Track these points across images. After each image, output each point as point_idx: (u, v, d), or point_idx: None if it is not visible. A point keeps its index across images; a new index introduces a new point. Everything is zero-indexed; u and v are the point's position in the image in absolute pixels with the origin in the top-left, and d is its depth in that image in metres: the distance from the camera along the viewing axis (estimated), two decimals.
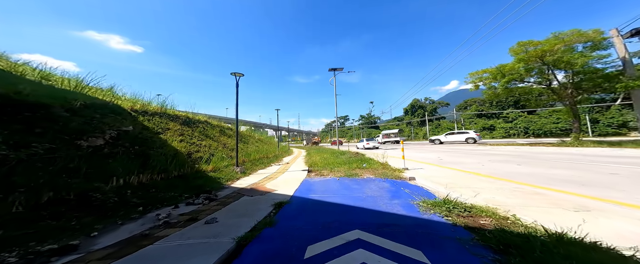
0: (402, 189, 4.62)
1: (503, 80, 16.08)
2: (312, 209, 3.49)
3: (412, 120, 76.93)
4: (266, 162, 10.42)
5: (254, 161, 9.42)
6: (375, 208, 3.39)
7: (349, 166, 8.09)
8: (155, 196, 3.68)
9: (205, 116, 12.13)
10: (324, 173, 7.23)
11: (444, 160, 9.86)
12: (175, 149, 5.33)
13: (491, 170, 6.54)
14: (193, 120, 8.44)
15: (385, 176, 6.05)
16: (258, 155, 10.52)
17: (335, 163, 9.25)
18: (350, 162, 9.06)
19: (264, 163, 9.90)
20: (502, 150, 13.71)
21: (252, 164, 8.93)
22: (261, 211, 3.33)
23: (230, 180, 5.78)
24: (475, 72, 18.38)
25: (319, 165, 9.19)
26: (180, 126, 7.24)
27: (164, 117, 7.00)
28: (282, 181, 6.05)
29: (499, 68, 16.44)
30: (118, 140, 4.43)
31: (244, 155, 8.94)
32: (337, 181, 5.73)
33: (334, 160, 10.49)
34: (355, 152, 13.67)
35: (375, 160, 9.31)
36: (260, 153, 11.46)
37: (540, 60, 14.35)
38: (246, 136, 13.18)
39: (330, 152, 15.42)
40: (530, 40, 14.59)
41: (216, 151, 7.69)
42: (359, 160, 9.69)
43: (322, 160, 11.06)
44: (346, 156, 11.83)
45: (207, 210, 3.37)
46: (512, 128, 41.38)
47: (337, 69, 25.06)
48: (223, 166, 6.70)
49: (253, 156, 9.58)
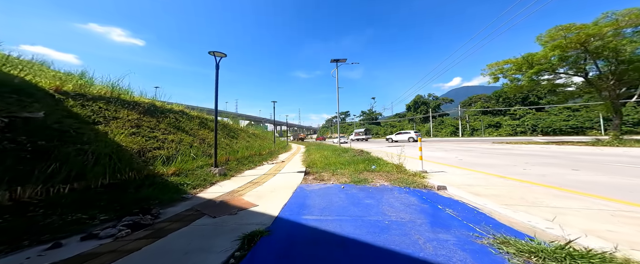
0: (439, 207, 3.14)
1: (530, 71, 14.32)
2: (304, 253, 2.02)
3: (414, 116, 75.22)
4: (258, 160, 8.98)
5: (242, 160, 7.95)
6: (418, 255, 1.91)
7: (355, 167, 6.62)
8: (33, 224, 2.22)
9: (196, 108, 10.66)
10: (324, 176, 5.77)
11: (465, 160, 8.38)
12: (116, 145, 3.86)
13: (542, 177, 5.05)
14: (161, 109, 6.88)
15: (403, 183, 4.58)
16: (248, 152, 9.08)
17: (337, 163, 7.78)
18: (355, 162, 7.59)
19: (255, 162, 8.45)
20: (526, 149, 12.21)
21: (239, 163, 7.47)
22: (210, 258, 1.87)
23: (199, 187, 4.31)
24: (495, 63, 16.66)
25: (318, 164, 7.73)
26: (139, 115, 5.72)
27: (114, 103, 5.45)
28: (270, 188, 4.59)
29: (526, 58, 14.64)
30: (9, 131, 2.96)
31: (229, 153, 7.47)
32: (342, 191, 4.26)
33: (336, 158, 9.02)
34: (359, 150, 12.19)
35: (385, 160, 7.84)
36: (252, 150, 10.01)
37: (582, 46, 12.53)
38: (236, 130, 11.66)
39: (332, 149, 13.94)
40: (572, 24, 12.71)
41: (191, 148, 6.22)
42: (366, 159, 8.21)
43: (322, 158, 9.59)
44: (349, 154, 10.35)
45: (107, 253, 1.90)
46: (519, 126, 39.76)
47: (340, 60, 23.37)
48: (195, 168, 5.23)
49: (241, 154, 8.14)
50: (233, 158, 7.38)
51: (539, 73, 14.43)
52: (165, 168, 4.25)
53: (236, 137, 10.32)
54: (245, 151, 8.94)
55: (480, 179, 5.03)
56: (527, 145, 14.42)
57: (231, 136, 9.74)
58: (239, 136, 11.15)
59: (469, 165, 7.21)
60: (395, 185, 4.59)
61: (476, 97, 62.51)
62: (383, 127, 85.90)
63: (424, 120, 71.97)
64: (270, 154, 12.05)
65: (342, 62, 23.95)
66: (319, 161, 8.51)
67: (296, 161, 9.47)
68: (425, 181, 4.71)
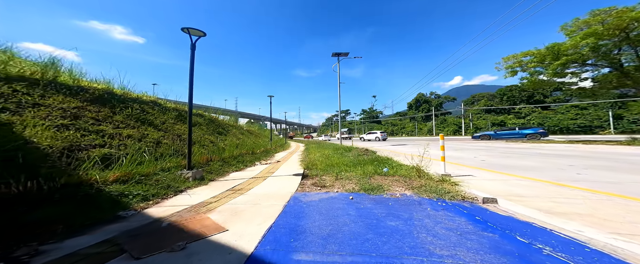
0: (517, 238, 1.96)
1: (556, 63, 12.95)
2: None
3: (415, 114, 74.07)
4: (250, 160, 7.80)
5: (230, 160, 6.76)
6: None
7: (363, 169, 5.44)
8: None
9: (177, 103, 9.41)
10: (325, 181, 4.60)
11: (489, 162, 7.21)
12: (23, 141, 2.67)
13: (616, 185, 3.88)
14: (122, 98, 5.57)
15: (432, 193, 3.41)
16: (239, 151, 7.89)
17: (340, 163, 6.60)
18: (361, 163, 6.42)
19: (246, 162, 7.27)
20: (550, 148, 11.04)
21: (225, 164, 6.28)
22: None
23: (156, 198, 3.13)
24: (513, 56, 15.34)
25: (318, 165, 6.56)
26: (83, 104, 4.47)
27: (47, 87, 4.16)
28: (254, 198, 3.42)
29: (550, 48, 13.24)
30: None
31: (214, 151, 6.28)
32: (351, 204, 3.09)
33: (339, 158, 7.84)
34: (364, 149, 11.01)
35: (396, 161, 6.66)
36: (244, 148, 8.82)
37: (622, 33, 11.17)
38: (226, 126, 10.39)
39: (333, 148, 12.76)
40: (612, 7, 11.29)
41: (157, 146, 5.01)
42: (374, 160, 7.02)
43: (323, 157, 8.41)
44: (354, 154, 9.17)
45: None
46: (524, 124, 38.61)
47: (342, 54, 22.07)
48: (157, 172, 4.04)
49: (229, 152, 6.95)
50: (218, 158, 6.20)
51: (566, 65, 13.12)
52: (107, 173, 3.06)
53: (225, 134, 9.08)
54: (235, 149, 7.75)
55: (529, 187, 3.86)
56: (547, 144, 13.25)
57: (219, 133, 8.50)
58: (230, 132, 9.88)
59: (497, 167, 6.04)
60: (423, 195, 3.42)
61: (479, 95, 61.38)
62: (384, 125, 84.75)
63: (425, 119, 70.81)
64: (265, 153, 10.87)
65: (344, 56, 22.68)
66: (319, 162, 7.33)
67: (293, 162, 8.29)
68: (461, 190, 3.53)
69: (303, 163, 7.73)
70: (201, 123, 7.90)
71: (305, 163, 7.29)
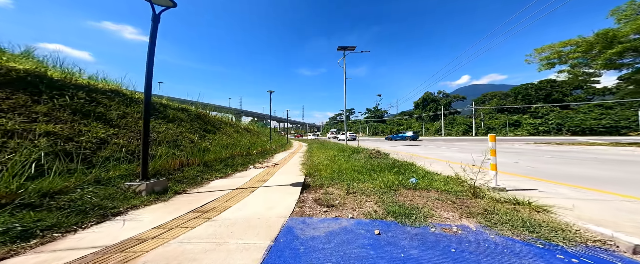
0: None
1: (610, 51, 11.08)
2: None
3: (422, 114, 72.08)
4: (242, 163, 6.59)
5: (215, 164, 5.54)
6: None
7: (381, 178, 4.13)
8: None
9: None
10: (334, 197, 3.32)
11: (538, 169, 5.82)
12: None
13: None
14: (58, 84, 4.22)
15: (525, 232, 2.10)
16: (229, 152, 6.66)
17: (350, 169, 5.31)
18: (377, 169, 5.11)
19: (236, 166, 6.06)
20: (603, 152, 9.51)
21: (207, 169, 5.06)
22: None
23: (49, 233, 1.92)
24: (549, 46, 13.54)
25: (323, 171, 5.29)
26: None
27: None
28: (220, 232, 2.17)
29: (602, 35, 11.27)
30: None
31: (192, 154, 5.02)
32: (381, 248, 1.80)
33: (347, 162, 6.55)
34: (375, 150, 9.67)
35: (420, 167, 5.33)
36: (237, 149, 7.60)
37: None
38: (216, 123, 9.10)
39: (338, 149, 11.47)
40: None
41: (102, 147, 3.76)
42: (392, 165, 5.68)
43: (327, 161, 7.12)
44: (364, 156, 7.85)
45: None
46: (542, 125, 36.56)
47: (348, 48, 20.73)
48: (84, 185, 2.81)
49: (215, 155, 5.70)
50: (197, 162, 4.97)
51: (622, 54, 11.23)
52: None
53: (215, 132, 7.84)
54: (224, 150, 6.54)
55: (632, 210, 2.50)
56: (593, 147, 11.60)
57: (207, 131, 7.27)
58: (221, 130, 8.63)
59: (556, 176, 4.65)
60: (502, 230, 2.11)
61: (491, 94, 59.10)
62: (389, 125, 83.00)
63: (433, 118, 68.79)
64: (262, 154, 9.65)
65: (351, 50, 21.33)
66: (323, 166, 6.06)
67: (293, 165, 7.04)
68: (568, 225, 2.20)
69: (305, 167, 6.48)
70: (183, 119, 6.65)
71: (307, 168, 6.03)
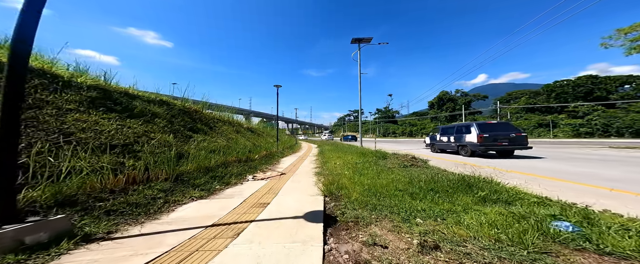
0: None
1: None
2: None
3: (438, 114, 68.51)
4: (238, 173, 5.02)
5: (195, 175, 3.95)
6: None
7: (474, 215, 2.35)
8: None
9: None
10: (393, 255, 1.59)
11: None
12: None
13: None
14: None
15: None
16: (220, 159, 5.05)
17: (390, 186, 3.55)
18: (438, 188, 3.32)
19: (228, 177, 4.48)
20: None
21: (181, 185, 3.48)
22: None
23: None
24: (638, 24, 10.84)
25: (349, 188, 3.57)
26: None
27: None
28: None
29: None
30: None
31: (157, 164, 3.38)
32: None
33: (377, 173, 4.78)
34: (409, 156, 7.78)
35: (515, 188, 3.49)
36: (233, 154, 6.00)
37: None
38: (210, 121, 7.36)
39: (357, 153, 9.71)
40: None
41: None
42: (457, 180, 3.83)
43: (347, 169, 5.37)
44: (395, 163, 6.04)
45: None
46: (583, 126, 32.81)
47: (364, 40, 18.88)
48: None
49: (197, 163, 4.05)
50: (165, 175, 3.35)
51: None
52: None
53: (207, 132, 6.13)
54: (215, 156, 4.95)
55: None
56: None
57: (194, 131, 5.60)
58: (216, 130, 7.01)
59: None
60: None
61: (517, 92, 54.96)
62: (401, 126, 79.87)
63: (450, 119, 65.10)
64: (267, 159, 8.07)
65: (366, 43, 19.51)
66: (346, 178, 4.35)
67: (305, 175, 5.38)
68: None
69: (320, 178, 4.79)
70: (160, 114, 4.99)
71: (325, 181, 4.34)
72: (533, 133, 37.46)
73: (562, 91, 39.17)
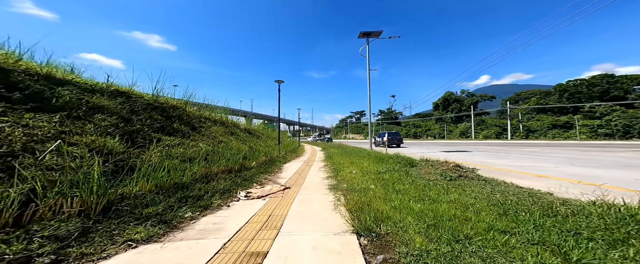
0: None
1: None
2: None
3: (444, 115, 66.96)
4: (226, 188, 3.70)
5: (155, 199, 2.59)
6: None
7: None
8: None
9: None
10: None
11: None
12: None
13: None
14: None
15: None
16: (199, 169, 3.68)
17: (456, 214, 2.17)
18: (527, 219, 1.96)
19: (207, 199, 3.16)
20: None
21: (113, 220, 2.11)
22: None
23: None
24: None
25: (394, 218, 2.20)
26: None
27: None
28: None
29: None
30: None
31: (58, 186, 1.99)
32: None
33: (417, 188, 3.41)
34: (449, 163, 6.36)
35: None
36: (220, 162, 4.62)
37: None
38: (193, 120, 5.51)
39: (373, 158, 8.34)
40: None
41: None
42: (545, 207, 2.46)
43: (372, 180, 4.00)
44: (435, 172, 4.65)
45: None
46: (602, 127, 31.23)
47: (372, 34, 17.55)
48: None
49: (156, 181, 2.66)
50: (95, 201, 2.03)
51: None
52: None
53: (187, 134, 4.50)
54: (195, 166, 3.59)
55: None
56: None
57: (169, 133, 4.02)
58: (203, 132, 5.50)
59: None
60: None
61: (526, 92, 53.50)
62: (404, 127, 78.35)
63: (455, 120, 63.54)
64: (267, 166, 6.72)
65: (375, 37, 18.20)
66: (379, 197, 3.00)
67: (316, 190, 4.01)
68: None
69: (337, 195, 3.45)
70: (109, 108, 3.61)
71: (348, 201, 2.98)
72: (547, 134, 35.87)
73: (576, 91, 37.65)
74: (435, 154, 11.24)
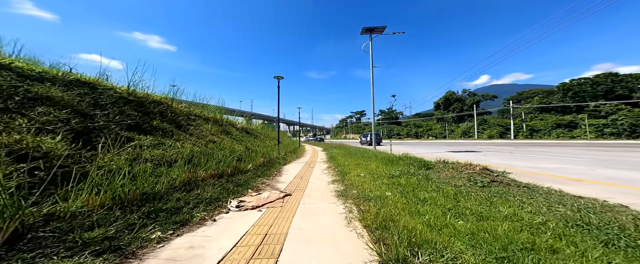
0: None
1: None
2: None
3: (445, 115, 66.41)
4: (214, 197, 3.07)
5: (99, 220, 1.93)
6: None
7: None
8: None
9: None
10: None
11: None
12: None
13: None
14: None
15: None
16: (184, 174, 3.06)
17: (518, 239, 1.53)
18: None
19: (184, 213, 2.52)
20: None
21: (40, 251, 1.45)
22: None
23: None
24: None
25: (432, 242, 1.54)
26: None
27: None
28: None
29: None
30: None
31: None
32: None
33: (448, 198, 2.76)
34: (476, 166, 5.72)
35: None
36: (209, 165, 3.99)
37: None
38: (180, 117, 4.64)
39: (382, 160, 7.70)
40: None
41: None
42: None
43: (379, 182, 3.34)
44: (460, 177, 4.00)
45: None
46: (608, 126, 30.68)
47: (376, 30, 16.90)
48: None
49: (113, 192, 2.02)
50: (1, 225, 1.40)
51: None
52: None
53: (169, 132, 3.68)
54: (176, 171, 2.95)
55: None
56: None
57: (146, 131, 3.12)
58: (190, 129, 4.75)
59: None
60: None
61: (529, 91, 53.01)
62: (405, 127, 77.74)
63: (457, 119, 62.99)
64: (265, 168, 6.07)
65: (379, 33, 17.56)
66: (405, 210, 2.35)
67: (321, 197, 3.36)
68: None
69: (347, 204, 2.81)
70: (59, 101, 2.88)
71: (365, 215, 2.34)
72: (551, 134, 35.29)
73: (580, 89, 37.12)
74: (443, 154, 10.60)
